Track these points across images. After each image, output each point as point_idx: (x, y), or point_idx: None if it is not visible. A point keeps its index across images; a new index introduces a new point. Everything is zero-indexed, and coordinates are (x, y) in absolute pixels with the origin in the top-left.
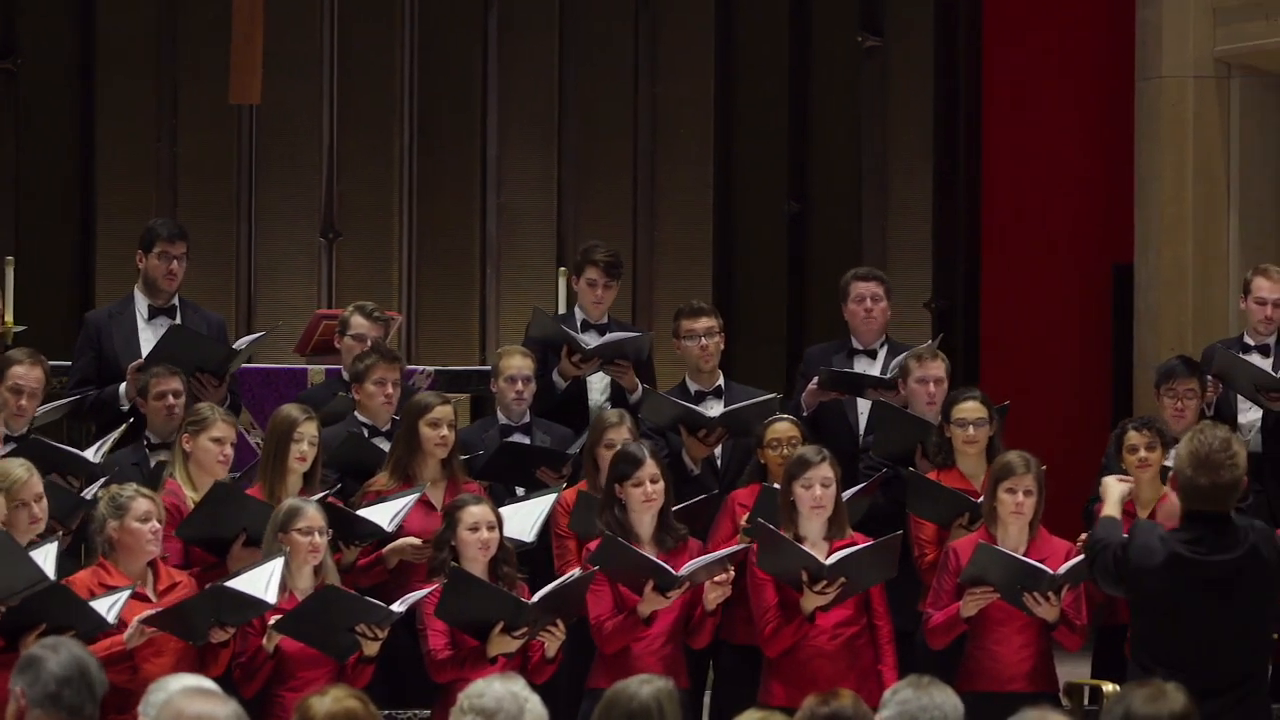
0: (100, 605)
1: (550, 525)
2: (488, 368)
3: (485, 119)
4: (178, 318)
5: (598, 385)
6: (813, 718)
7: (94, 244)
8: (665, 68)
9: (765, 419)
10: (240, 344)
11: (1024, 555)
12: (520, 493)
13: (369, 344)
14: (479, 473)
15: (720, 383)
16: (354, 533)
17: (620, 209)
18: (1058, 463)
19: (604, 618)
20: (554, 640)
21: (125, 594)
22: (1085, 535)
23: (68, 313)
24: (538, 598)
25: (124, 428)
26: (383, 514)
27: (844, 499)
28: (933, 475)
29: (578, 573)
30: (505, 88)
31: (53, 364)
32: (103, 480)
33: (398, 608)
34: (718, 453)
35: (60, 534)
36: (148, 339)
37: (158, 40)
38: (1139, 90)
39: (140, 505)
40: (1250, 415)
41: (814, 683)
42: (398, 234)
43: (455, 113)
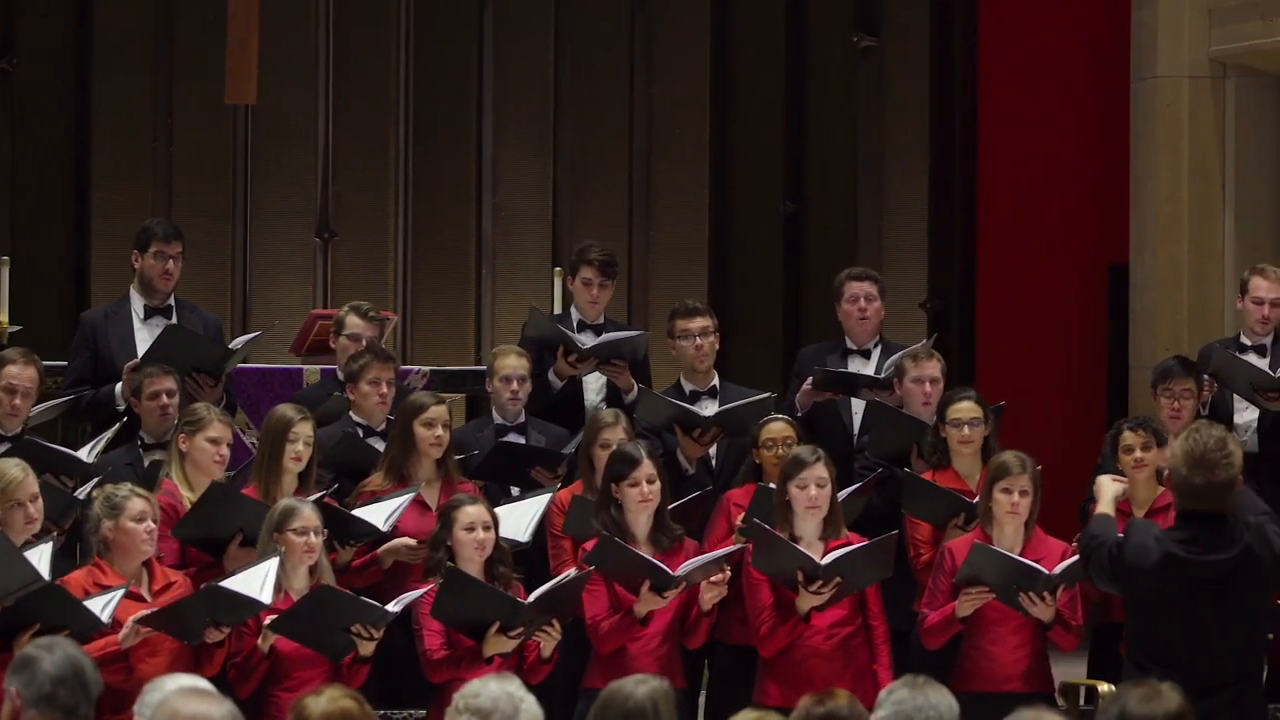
0: (94, 605)
1: (545, 525)
2: (483, 368)
3: (481, 119)
4: (174, 317)
5: (593, 385)
6: (808, 718)
7: (89, 244)
8: (661, 68)
9: (760, 418)
10: (236, 344)
11: (1019, 555)
12: (515, 492)
13: (364, 344)
14: (474, 472)
15: (715, 382)
16: (349, 532)
17: (616, 209)
18: (1053, 463)
19: (600, 617)
20: (550, 640)
21: (119, 593)
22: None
23: (63, 312)
24: (534, 598)
25: (116, 427)
26: (377, 514)
27: (839, 499)
28: (928, 475)
29: (574, 573)
30: (501, 88)
31: (47, 364)
32: (95, 480)
33: (393, 608)
34: (712, 452)
35: (54, 534)
36: (144, 339)
37: (154, 40)
38: (1134, 90)
39: (135, 505)
40: (1247, 415)
41: (809, 683)
42: (393, 234)
43: (451, 113)
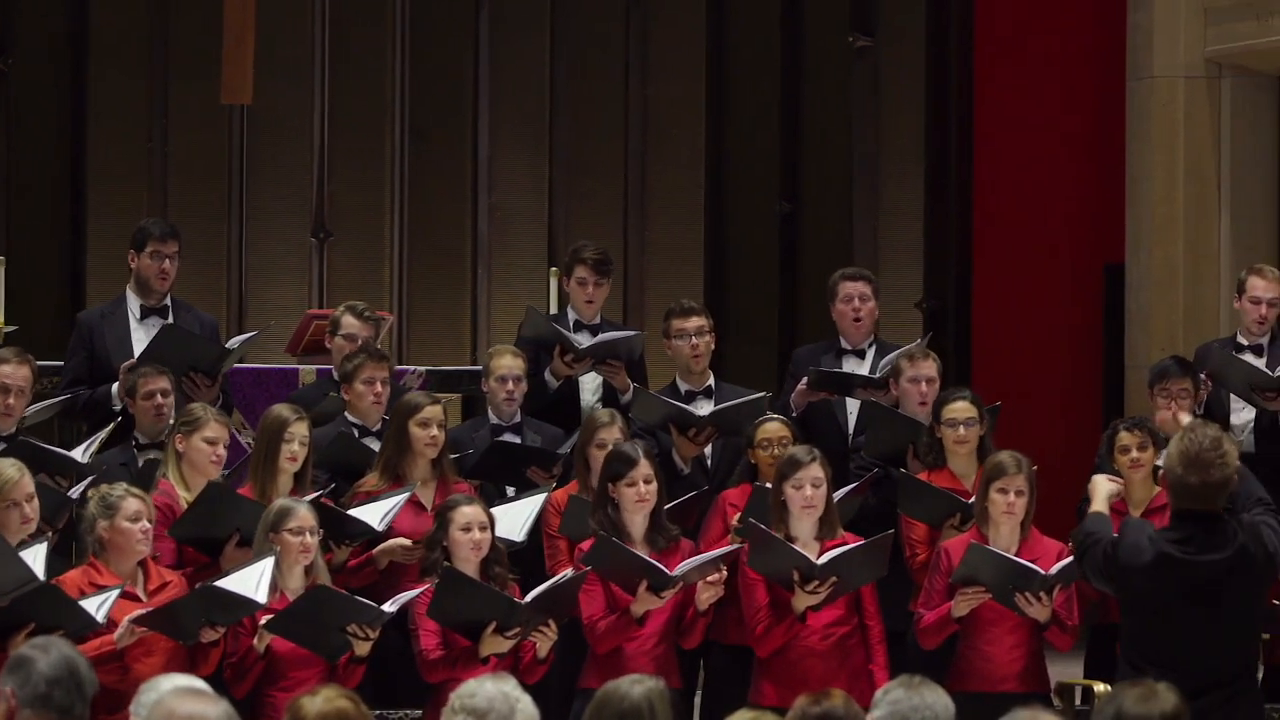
0: (90, 605)
1: (541, 525)
2: (479, 368)
3: (476, 119)
4: (170, 317)
5: (590, 385)
6: (804, 718)
7: (85, 244)
8: (656, 68)
9: (755, 418)
10: (232, 344)
11: (1015, 555)
12: (511, 492)
13: (360, 344)
14: (469, 472)
15: (711, 382)
16: (345, 532)
17: (611, 209)
18: (1049, 463)
19: (597, 618)
20: (546, 640)
21: (114, 593)
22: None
23: (58, 313)
24: (530, 598)
25: (111, 427)
26: (373, 514)
27: (835, 499)
28: (924, 475)
29: (570, 573)
30: (496, 88)
31: (43, 364)
32: (90, 480)
33: (389, 608)
34: (707, 452)
35: (49, 534)
36: (140, 339)
37: (149, 40)
38: (1130, 90)
39: (130, 505)
40: (1244, 415)
41: (805, 683)
42: (389, 234)
43: (446, 113)
